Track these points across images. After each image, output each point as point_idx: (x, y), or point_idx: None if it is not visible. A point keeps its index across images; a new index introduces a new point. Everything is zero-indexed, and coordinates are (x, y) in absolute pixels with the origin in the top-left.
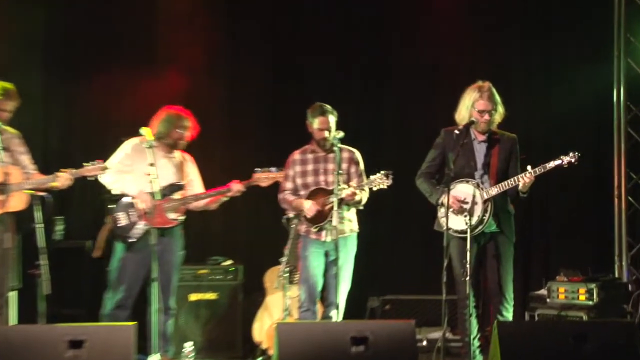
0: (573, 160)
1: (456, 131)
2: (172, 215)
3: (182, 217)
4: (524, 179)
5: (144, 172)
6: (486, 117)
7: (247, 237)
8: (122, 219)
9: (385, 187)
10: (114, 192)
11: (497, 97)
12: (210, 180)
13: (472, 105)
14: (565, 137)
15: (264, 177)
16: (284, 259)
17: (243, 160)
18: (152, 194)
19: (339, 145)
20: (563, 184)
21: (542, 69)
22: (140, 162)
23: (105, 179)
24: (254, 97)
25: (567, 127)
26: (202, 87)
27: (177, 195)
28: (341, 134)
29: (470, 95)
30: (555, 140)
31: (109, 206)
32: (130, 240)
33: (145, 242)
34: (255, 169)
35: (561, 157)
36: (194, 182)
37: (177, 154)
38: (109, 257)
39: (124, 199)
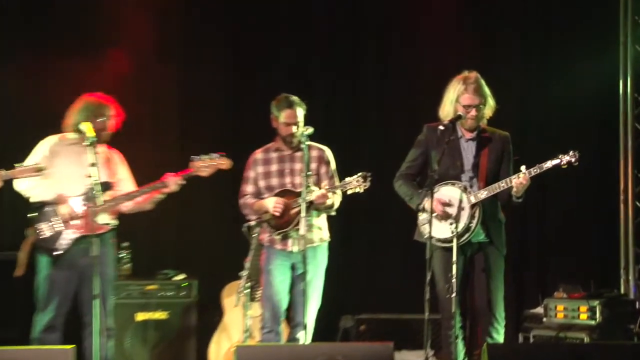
0: (573, 160)
1: (440, 127)
2: (102, 220)
3: (114, 222)
4: (518, 180)
5: (66, 174)
6: (473, 112)
7: (202, 247)
8: (46, 230)
9: (362, 190)
10: (32, 200)
11: (486, 89)
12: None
13: (456, 100)
14: (565, 134)
15: (203, 166)
16: (244, 273)
17: None
18: (90, 198)
19: (308, 142)
20: (561, 187)
21: (538, 56)
22: (61, 164)
23: (20, 186)
24: (211, 87)
25: (566, 122)
26: (150, 75)
27: (105, 196)
28: (310, 130)
29: (455, 87)
30: (553, 137)
31: (29, 216)
32: (56, 253)
33: (73, 253)
34: (192, 156)
35: (559, 156)
36: (124, 181)
37: (102, 149)
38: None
39: (46, 207)
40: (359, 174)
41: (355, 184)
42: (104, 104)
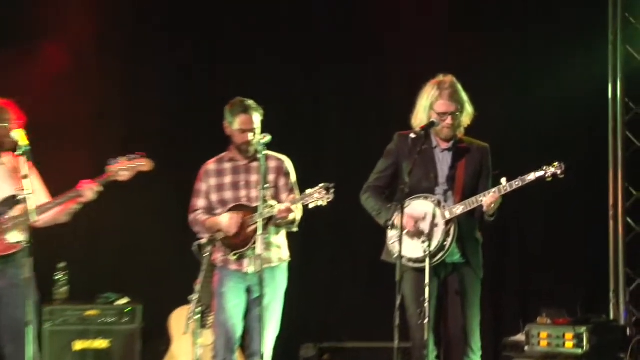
0: (559, 172)
1: (412, 135)
2: (14, 238)
3: (27, 239)
4: (487, 200)
5: None
6: (449, 120)
7: (147, 268)
8: None
9: (325, 204)
10: None
11: (463, 95)
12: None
13: (430, 106)
14: (549, 144)
15: (121, 169)
16: (194, 297)
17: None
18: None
19: (265, 151)
20: (545, 200)
21: (519, 57)
22: None
23: None
24: (159, 87)
25: (551, 130)
26: (91, 73)
27: (15, 211)
28: (268, 138)
29: (429, 93)
30: (536, 147)
31: None
32: None
33: None
34: (109, 160)
35: (543, 167)
36: (36, 192)
37: (8, 159)
38: None
39: None
40: (321, 185)
41: (317, 196)
42: (1, 107)
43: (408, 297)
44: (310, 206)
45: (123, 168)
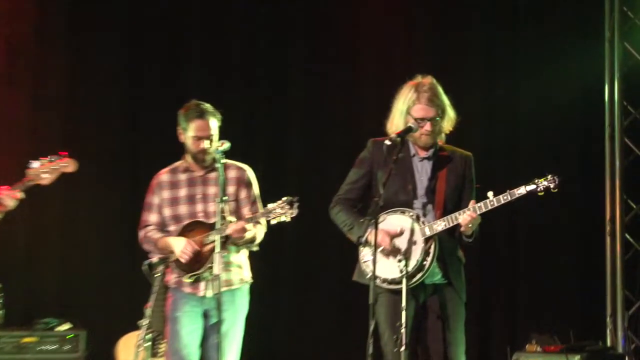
0: (552, 185)
1: (387, 142)
2: None
3: None
4: (465, 218)
5: None
6: (428, 126)
7: (91, 290)
8: None
9: (289, 219)
10: None
11: (444, 98)
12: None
13: (407, 111)
14: (541, 153)
15: (42, 172)
16: (144, 322)
17: (90, 181)
18: None
19: (224, 160)
20: (537, 217)
21: (505, 57)
22: None
23: None
24: (106, 88)
25: (542, 138)
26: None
27: None
28: (226, 145)
29: (406, 96)
30: (526, 157)
31: None
32: None
33: None
34: (31, 161)
35: (535, 180)
36: None
37: None
38: None
39: None
40: (284, 198)
41: (280, 211)
42: None
43: (383, 322)
44: (273, 222)
45: (44, 170)
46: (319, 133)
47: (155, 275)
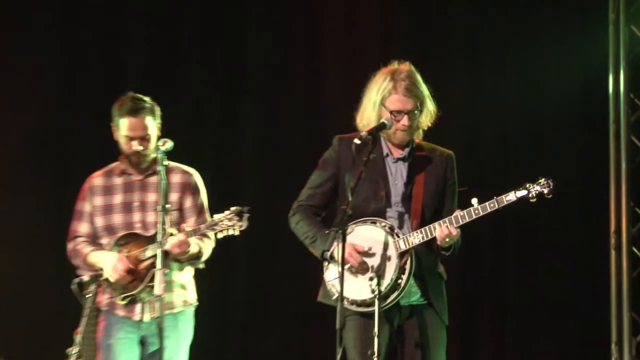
0: (546, 190)
1: (356, 140)
2: None
3: None
4: (441, 232)
5: None
6: (405, 120)
7: (11, 313)
8: None
9: (237, 233)
10: None
11: (423, 88)
12: None
13: (381, 102)
14: (534, 153)
15: None
16: (73, 350)
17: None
18: None
19: (166, 162)
20: (531, 227)
21: (496, 41)
22: None
23: None
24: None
25: (536, 136)
26: None
27: None
28: (169, 145)
29: (380, 85)
30: (517, 157)
31: None
32: None
33: None
34: None
35: (526, 185)
36: None
37: None
38: None
39: None
40: (232, 208)
41: (227, 224)
42: None
43: (351, 349)
44: (219, 236)
45: None
46: (278, 128)
47: (87, 296)
